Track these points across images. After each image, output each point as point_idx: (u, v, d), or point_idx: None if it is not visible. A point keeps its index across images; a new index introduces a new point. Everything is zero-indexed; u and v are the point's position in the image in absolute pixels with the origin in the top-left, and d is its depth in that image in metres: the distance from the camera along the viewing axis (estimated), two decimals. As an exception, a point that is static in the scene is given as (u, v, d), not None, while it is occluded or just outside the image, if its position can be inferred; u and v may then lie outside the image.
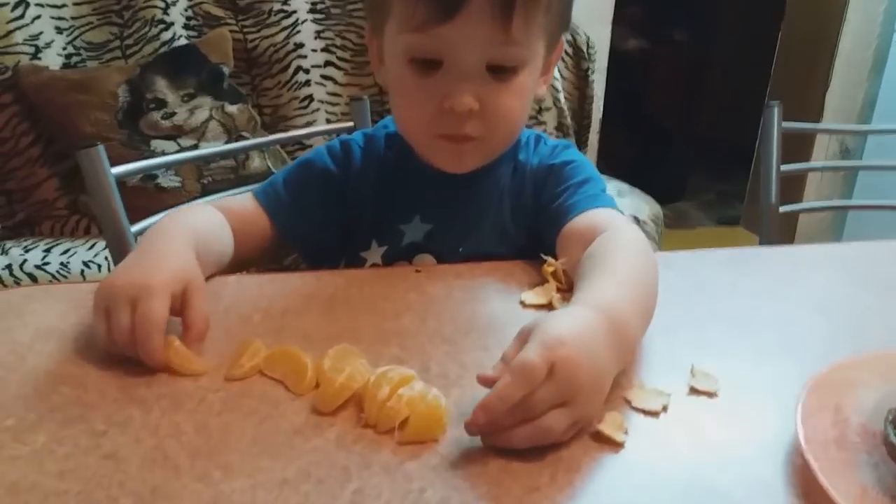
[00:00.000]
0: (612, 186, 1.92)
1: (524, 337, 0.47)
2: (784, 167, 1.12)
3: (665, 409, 0.49)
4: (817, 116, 2.52)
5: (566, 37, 0.72)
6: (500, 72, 0.63)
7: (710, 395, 0.51)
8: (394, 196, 0.74)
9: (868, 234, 2.36)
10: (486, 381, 0.45)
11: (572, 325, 0.47)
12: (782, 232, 1.14)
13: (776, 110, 1.09)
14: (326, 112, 1.90)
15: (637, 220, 1.75)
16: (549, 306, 0.62)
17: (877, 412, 0.46)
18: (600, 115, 2.32)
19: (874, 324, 0.63)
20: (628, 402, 0.49)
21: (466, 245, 0.73)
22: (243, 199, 0.74)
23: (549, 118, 2.05)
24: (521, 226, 0.75)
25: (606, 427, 0.46)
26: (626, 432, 0.46)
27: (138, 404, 0.48)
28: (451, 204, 0.73)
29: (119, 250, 0.78)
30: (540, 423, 0.43)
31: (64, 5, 1.65)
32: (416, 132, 0.69)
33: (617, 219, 0.67)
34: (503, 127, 0.67)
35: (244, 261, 0.71)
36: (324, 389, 0.48)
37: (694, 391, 0.51)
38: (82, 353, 0.53)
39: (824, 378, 0.49)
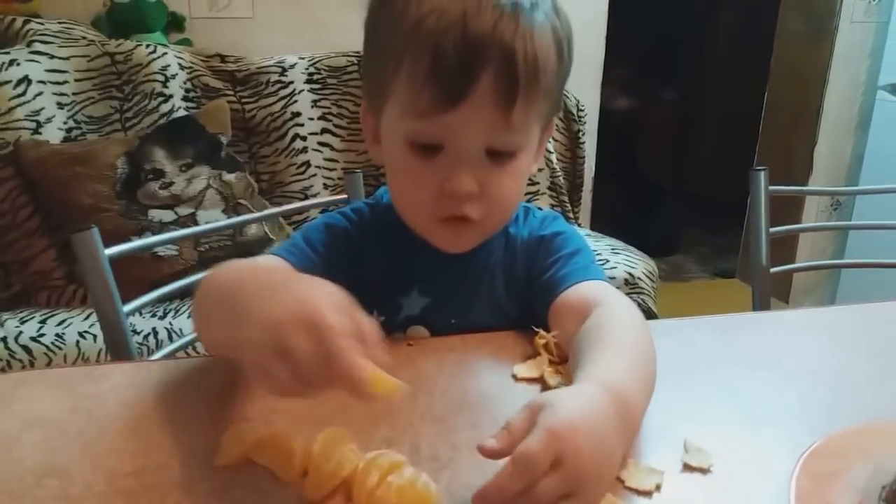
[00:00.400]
0: (606, 244, 1.94)
1: (533, 412, 0.45)
2: (773, 229, 1.13)
3: (658, 487, 0.49)
4: (806, 172, 2.57)
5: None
6: (499, 157, 0.64)
7: (704, 471, 0.51)
8: (395, 266, 0.74)
9: (863, 286, 2.36)
10: (487, 453, 0.44)
11: (583, 408, 0.45)
12: (777, 286, 1.15)
13: (762, 175, 1.11)
14: (323, 178, 1.93)
15: (631, 277, 1.76)
16: (540, 380, 0.61)
17: (869, 489, 0.45)
18: (592, 174, 2.36)
19: (866, 390, 0.63)
20: (622, 482, 0.49)
21: (460, 318, 0.74)
22: (269, 260, 0.69)
23: (542, 178, 2.08)
24: (514, 298, 0.75)
25: (600, 509, 0.46)
26: (618, 514, 0.46)
27: (125, 497, 0.47)
28: (447, 276, 0.74)
29: (111, 332, 0.78)
30: None
31: (66, 82, 1.70)
32: (416, 214, 0.68)
33: (610, 292, 0.67)
34: (502, 209, 0.68)
35: None
36: (312, 478, 0.47)
37: (687, 467, 0.51)
38: (71, 443, 0.53)
39: (816, 455, 0.49)
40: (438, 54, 0.58)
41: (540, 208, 0.81)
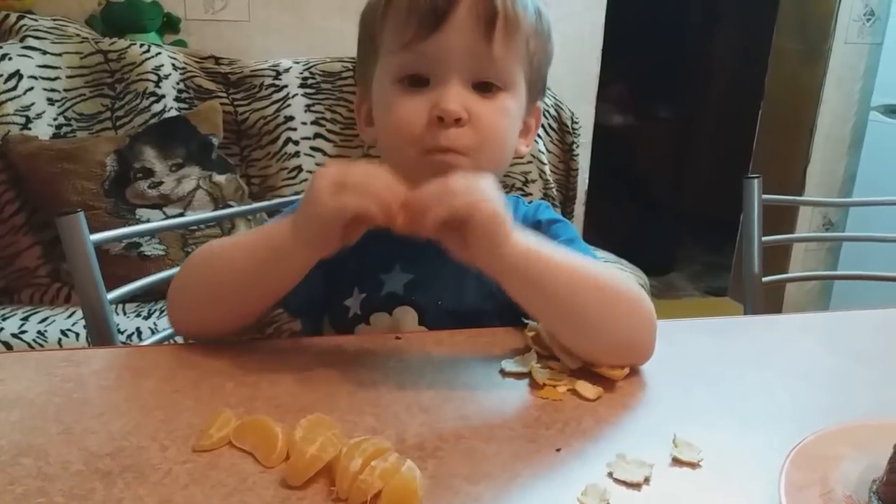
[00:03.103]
0: (598, 256, 1.94)
1: None
2: (766, 238, 1.13)
3: (647, 480, 0.48)
4: (799, 190, 2.58)
5: (548, 108, 0.74)
6: (485, 90, 0.66)
7: (693, 465, 0.50)
8: (375, 243, 0.72)
9: (855, 304, 2.37)
10: None
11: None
12: (769, 303, 1.14)
13: (756, 183, 1.11)
14: (315, 183, 1.92)
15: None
16: (529, 375, 0.61)
17: (861, 484, 0.45)
18: (585, 187, 2.36)
19: (858, 393, 0.62)
20: (610, 474, 0.48)
21: (449, 299, 0.72)
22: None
23: (535, 190, 2.08)
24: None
25: (588, 499, 0.45)
26: (607, 505, 0.45)
27: (101, 476, 0.46)
28: (431, 255, 0.72)
29: (95, 319, 0.77)
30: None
31: (57, 78, 1.69)
32: (406, 148, 0.67)
33: None
34: (491, 142, 0.67)
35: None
36: (294, 461, 0.46)
37: (677, 462, 0.50)
38: (48, 423, 0.51)
39: (808, 448, 0.48)
40: None
41: (529, 201, 0.81)
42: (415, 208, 0.55)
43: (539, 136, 2.04)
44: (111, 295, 0.79)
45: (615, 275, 0.64)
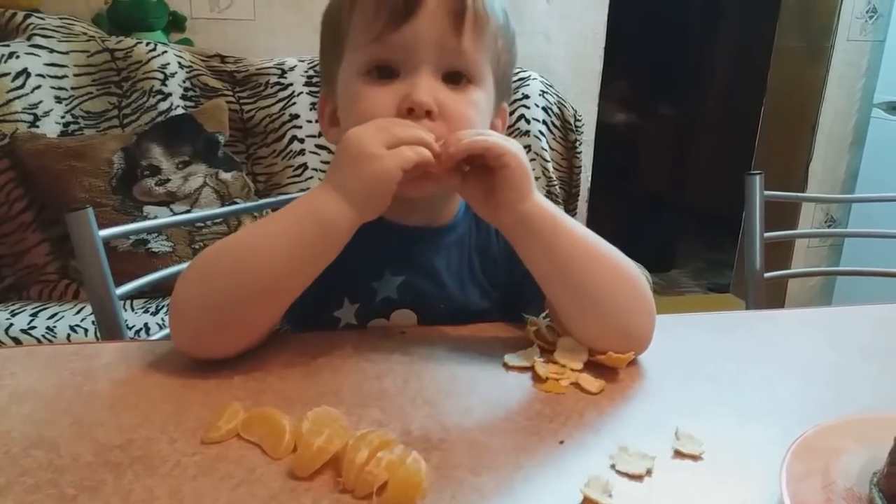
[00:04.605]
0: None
1: None
2: (768, 234, 1.13)
3: (649, 472, 0.48)
4: (801, 188, 2.58)
5: (551, 106, 0.74)
6: (455, 81, 0.66)
7: (695, 458, 0.50)
8: (362, 252, 0.70)
9: (858, 300, 2.36)
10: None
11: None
12: (771, 299, 1.15)
13: (757, 179, 1.11)
14: (320, 179, 1.92)
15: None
16: (531, 369, 0.61)
17: (862, 476, 0.45)
18: (588, 185, 2.36)
19: (859, 388, 0.63)
20: (613, 466, 0.49)
21: (446, 301, 0.72)
22: None
23: (538, 187, 2.08)
24: (496, 281, 0.74)
25: (591, 490, 0.45)
26: (610, 495, 0.45)
27: (111, 468, 0.47)
28: (417, 258, 0.72)
29: (103, 314, 0.78)
30: None
31: (65, 76, 1.70)
32: None
33: None
34: None
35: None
36: (301, 453, 0.47)
37: (678, 454, 0.51)
38: (59, 416, 0.52)
39: (809, 441, 0.48)
40: None
41: None
42: (454, 142, 0.58)
43: (542, 133, 2.05)
44: (120, 291, 0.80)
45: (626, 259, 0.65)
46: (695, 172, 4.00)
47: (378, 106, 0.63)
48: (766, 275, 1.14)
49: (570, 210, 2.20)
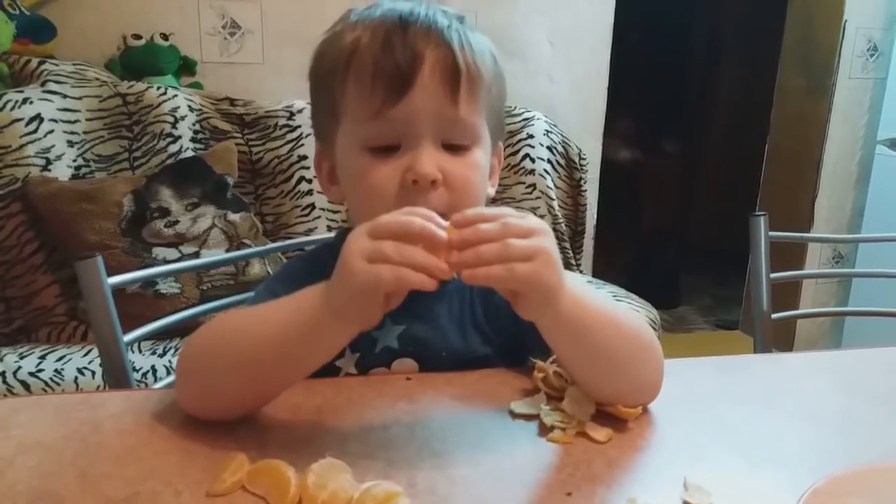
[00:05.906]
0: (608, 291, 1.94)
1: None
2: (774, 275, 1.13)
3: (658, 525, 0.48)
4: (807, 225, 2.58)
5: (555, 145, 0.73)
6: (455, 149, 0.66)
7: (704, 510, 0.50)
8: None
9: (867, 339, 2.35)
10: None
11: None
12: (780, 338, 1.14)
13: (762, 220, 1.12)
14: (327, 220, 1.94)
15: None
16: (537, 417, 0.61)
17: (872, 530, 0.45)
18: (594, 222, 2.37)
19: (867, 434, 0.62)
20: (620, 517, 0.48)
21: (447, 349, 0.72)
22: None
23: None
24: (499, 327, 0.74)
25: (597, 545, 0.45)
26: (617, 551, 0.45)
27: (117, 522, 0.47)
28: (417, 306, 0.70)
29: (111, 360, 0.78)
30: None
31: (77, 120, 1.73)
32: (381, 214, 0.64)
33: None
34: (467, 199, 0.67)
35: None
36: (307, 506, 0.47)
37: (687, 506, 0.50)
38: (65, 468, 0.52)
39: (819, 492, 0.48)
40: (380, 55, 0.63)
41: None
42: (470, 260, 0.52)
43: (547, 172, 2.07)
44: (127, 337, 0.80)
45: (637, 318, 0.65)
46: (700, 208, 4.01)
47: (383, 182, 0.65)
48: (774, 315, 1.13)
49: (577, 247, 2.20)
